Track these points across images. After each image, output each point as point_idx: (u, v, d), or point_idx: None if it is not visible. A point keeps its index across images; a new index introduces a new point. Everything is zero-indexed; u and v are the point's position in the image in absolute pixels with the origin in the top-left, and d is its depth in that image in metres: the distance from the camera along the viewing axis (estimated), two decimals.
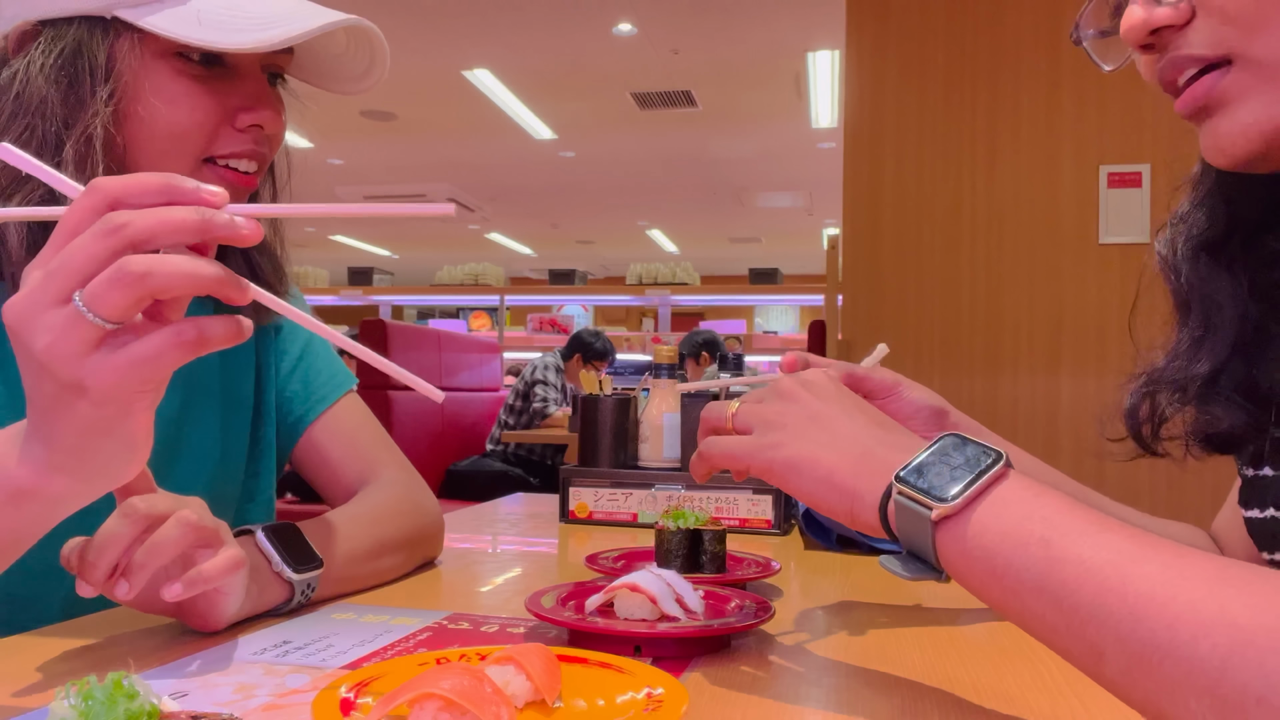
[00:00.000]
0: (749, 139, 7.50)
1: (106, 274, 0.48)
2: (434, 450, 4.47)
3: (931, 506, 0.53)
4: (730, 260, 13.15)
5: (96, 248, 0.48)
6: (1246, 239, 0.72)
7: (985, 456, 0.54)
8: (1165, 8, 0.60)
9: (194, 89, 0.81)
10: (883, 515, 0.56)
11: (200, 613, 0.70)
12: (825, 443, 0.60)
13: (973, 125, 3.13)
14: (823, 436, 0.61)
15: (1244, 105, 0.59)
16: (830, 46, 5.40)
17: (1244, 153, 0.61)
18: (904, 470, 0.55)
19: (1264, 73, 0.58)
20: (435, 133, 7.53)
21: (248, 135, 0.84)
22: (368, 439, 1.05)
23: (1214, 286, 0.72)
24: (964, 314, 3.10)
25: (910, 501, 0.54)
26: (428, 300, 8.29)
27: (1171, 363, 0.76)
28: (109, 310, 0.48)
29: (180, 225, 0.49)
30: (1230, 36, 0.58)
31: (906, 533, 0.55)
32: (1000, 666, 0.67)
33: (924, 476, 0.54)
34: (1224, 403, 0.71)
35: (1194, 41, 0.60)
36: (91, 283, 0.48)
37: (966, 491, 0.52)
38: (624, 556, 0.97)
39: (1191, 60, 0.60)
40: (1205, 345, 0.72)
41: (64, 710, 0.38)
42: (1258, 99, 0.59)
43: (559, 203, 10.12)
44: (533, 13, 5.14)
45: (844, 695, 0.61)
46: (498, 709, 0.45)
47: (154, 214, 0.49)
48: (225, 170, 0.84)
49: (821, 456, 0.60)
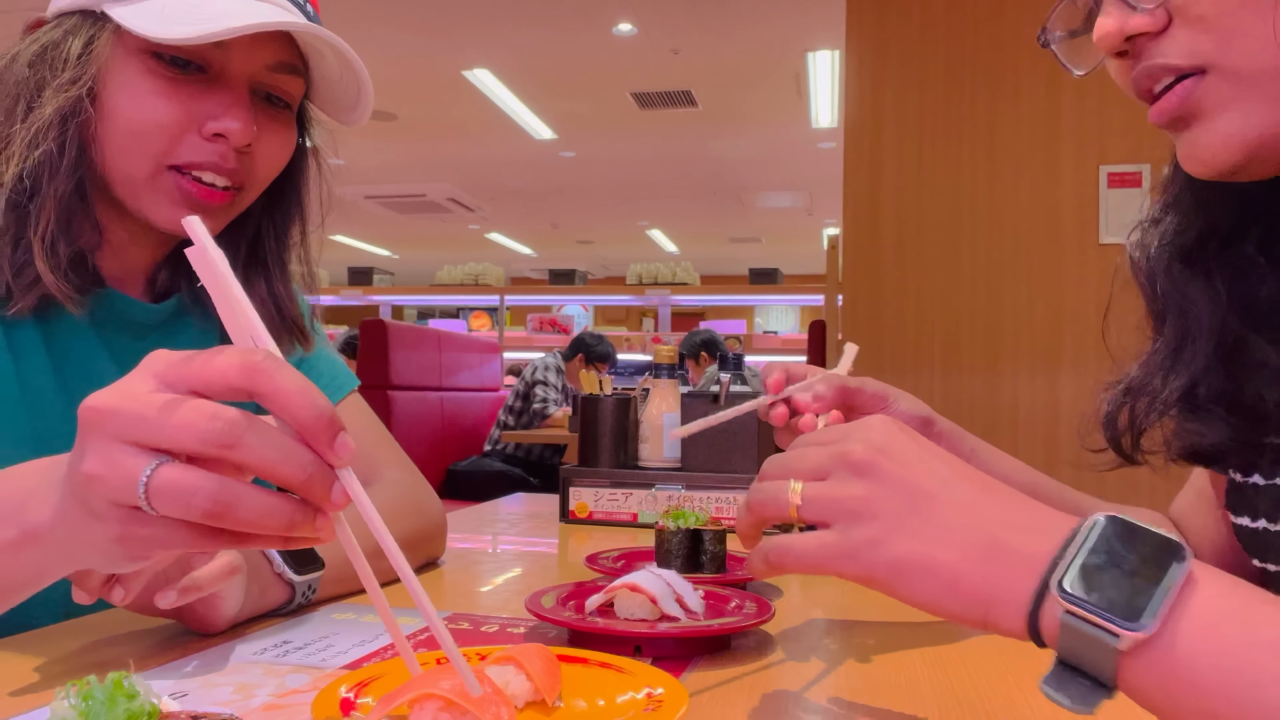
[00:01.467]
0: (749, 139, 7.50)
1: (188, 486, 0.44)
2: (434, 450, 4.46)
3: (1118, 634, 0.42)
4: (730, 260, 13.15)
5: (193, 439, 0.44)
6: (1222, 245, 0.69)
7: (1166, 552, 0.44)
8: (1140, 15, 0.58)
9: (161, 89, 0.80)
10: (1032, 624, 0.45)
11: (199, 616, 0.70)
12: (936, 535, 0.49)
13: (973, 125, 3.13)
14: (931, 526, 0.49)
15: (1221, 116, 0.58)
16: (830, 46, 5.39)
17: (1224, 164, 0.59)
18: (1064, 577, 0.44)
19: (1241, 82, 0.56)
20: (435, 133, 7.53)
21: (215, 145, 0.82)
22: (370, 440, 1.05)
23: (1190, 295, 0.69)
24: (964, 314, 3.10)
25: (1086, 625, 0.43)
26: (428, 300, 8.29)
27: (1148, 373, 0.73)
28: (165, 510, 0.45)
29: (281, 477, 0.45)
30: (1206, 45, 0.57)
31: (1076, 655, 0.44)
32: (1000, 666, 0.67)
33: (1094, 587, 0.43)
34: (1204, 415, 0.68)
35: (1169, 50, 0.58)
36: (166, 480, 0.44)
37: (1159, 610, 0.42)
38: (624, 556, 0.97)
39: (1167, 70, 0.58)
40: (1183, 356, 0.69)
41: (64, 710, 0.38)
42: (1236, 109, 0.57)
43: (559, 203, 10.12)
44: (533, 13, 5.13)
45: (844, 695, 0.61)
46: (498, 709, 0.45)
47: (266, 453, 0.44)
48: (188, 180, 0.82)
49: (937, 555, 0.48)
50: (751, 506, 0.57)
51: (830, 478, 0.53)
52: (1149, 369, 0.73)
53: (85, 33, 0.80)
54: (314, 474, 0.45)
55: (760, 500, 0.55)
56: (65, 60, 0.79)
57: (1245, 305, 0.67)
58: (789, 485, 0.54)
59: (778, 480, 0.55)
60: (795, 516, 0.53)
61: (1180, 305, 0.70)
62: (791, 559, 0.53)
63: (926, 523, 0.49)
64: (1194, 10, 0.56)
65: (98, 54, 0.79)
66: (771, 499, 0.54)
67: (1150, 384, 0.72)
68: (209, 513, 0.44)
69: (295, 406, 0.44)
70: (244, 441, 0.44)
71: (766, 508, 0.55)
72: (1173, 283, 0.71)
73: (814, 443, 0.56)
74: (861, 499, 0.50)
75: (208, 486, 0.44)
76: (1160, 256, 0.72)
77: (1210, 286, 0.68)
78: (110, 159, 0.81)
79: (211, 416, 0.44)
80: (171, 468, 0.44)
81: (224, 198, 0.84)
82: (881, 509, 0.50)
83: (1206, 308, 0.68)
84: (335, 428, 0.45)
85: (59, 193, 0.79)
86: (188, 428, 0.44)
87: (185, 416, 0.44)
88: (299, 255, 0.97)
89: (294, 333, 0.95)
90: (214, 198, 0.83)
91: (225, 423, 0.44)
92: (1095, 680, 0.44)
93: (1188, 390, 0.69)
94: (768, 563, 0.54)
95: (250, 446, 0.44)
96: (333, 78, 0.87)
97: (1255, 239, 0.68)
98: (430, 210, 10.18)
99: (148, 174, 0.81)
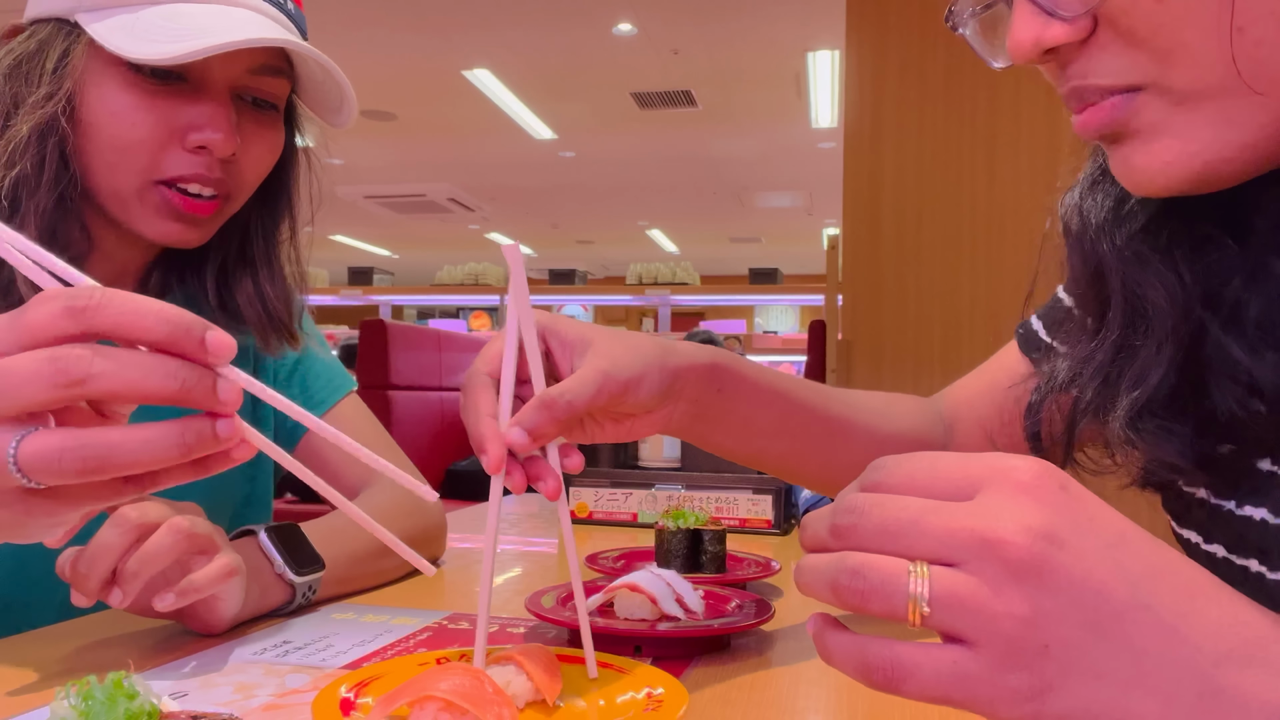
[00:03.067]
0: (749, 139, 7.50)
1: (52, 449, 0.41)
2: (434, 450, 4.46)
3: None
4: (730, 260, 13.15)
5: (39, 389, 0.40)
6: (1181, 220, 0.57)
7: None
8: (1059, 24, 0.49)
9: (141, 103, 0.79)
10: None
11: (199, 617, 0.70)
12: (1129, 675, 0.35)
13: (973, 125, 3.13)
14: (1121, 661, 0.36)
15: (1159, 139, 0.49)
16: (830, 46, 5.39)
17: (1162, 190, 0.51)
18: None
19: (1181, 103, 0.48)
20: (435, 133, 7.53)
21: (198, 157, 0.81)
22: (369, 441, 1.05)
23: (1146, 279, 0.56)
24: (964, 314, 3.10)
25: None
26: (428, 300, 8.29)
27: (1087, 376, 0.60)
28: (45, 480, 0.42)
29: (152, 394, 0.41)
30: (1141, 62, 0.48)
31: None
32: None
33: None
34: (1161, 431, 0.55)
35: (1098, 68, 0.50)
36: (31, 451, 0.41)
37: None
38: (624, 556, 0.97)
39: (1098, 91, 0.50)
40: (1139, 357, 0.57)
41: (64, 710, 0.38)
42: (1174, 134, 0.49)
43: (559, 203, 10.12)
44: (533, 13, 5.13)
45: (844, 695, 0.61)
46: (499, 709, 0.45)
47: (124, 374, 0.41)
48: (175, 194, 0.81)
49: (1132, 708, 0.35)
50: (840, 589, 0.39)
51: (965, 566, 0.37)
52: (1087, 368, 0.61)
53: (60, 45, 0.78)
54: (186, 378, 0.41)
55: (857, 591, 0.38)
56: (40, 74, 0.78)
57: (1211, 295, 0.55)
58: (911, 572, 0.37)
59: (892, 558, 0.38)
60: (918, 623, 0.37)
61: (1132, 293, 0.57)
62: (913, 686, 0.38)
63: (1116, 657, 0.36)
64: (1124, 22, 0.48)
65: (73, 67, 0.78)
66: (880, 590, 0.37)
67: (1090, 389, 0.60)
68: (85, 469, 0.41)
69: (145, 326, 0.41)
70: (94, 371, 0.40)
71: (868, 601, 0.38)
72: (1123, 263, 0.58)
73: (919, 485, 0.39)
74: (1026, 621, 0.36)
75: (69, 443, 0.41)
76: (1106, 228, 0.60)
77: (1171, 272, 0.56)
78: (95, 174, 0.80)
79: (49, 359, 0.40)
80: (34, 436, 0.41)
81: (211, 208, 0.83)
82: (1053, 636, 0.35)
83: (1166, 298, 0.55)
84: (198, 327, 0.42)
85: (40, 208, 0.78)
86: (31, 380, 0.40)
87: (23, 371, 0.41)
88: (289, 254, 0.95)
89: (281, 332, 0.93)
90: (201, 209, 0.82)
91: (67, 359, 0.40)
92: None
93: (1145, 403, 0.56)
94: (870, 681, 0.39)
95: (104, 374, 0.41)
96: (317, 80, 0.86)
97: (1215, 215, 0.56)
98: (430, 210, 10.18)
99: (134, 190, 0.80)
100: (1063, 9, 0.49)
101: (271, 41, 0.77)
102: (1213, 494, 0.57)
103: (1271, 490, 0.54)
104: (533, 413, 0.57)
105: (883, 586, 0.37)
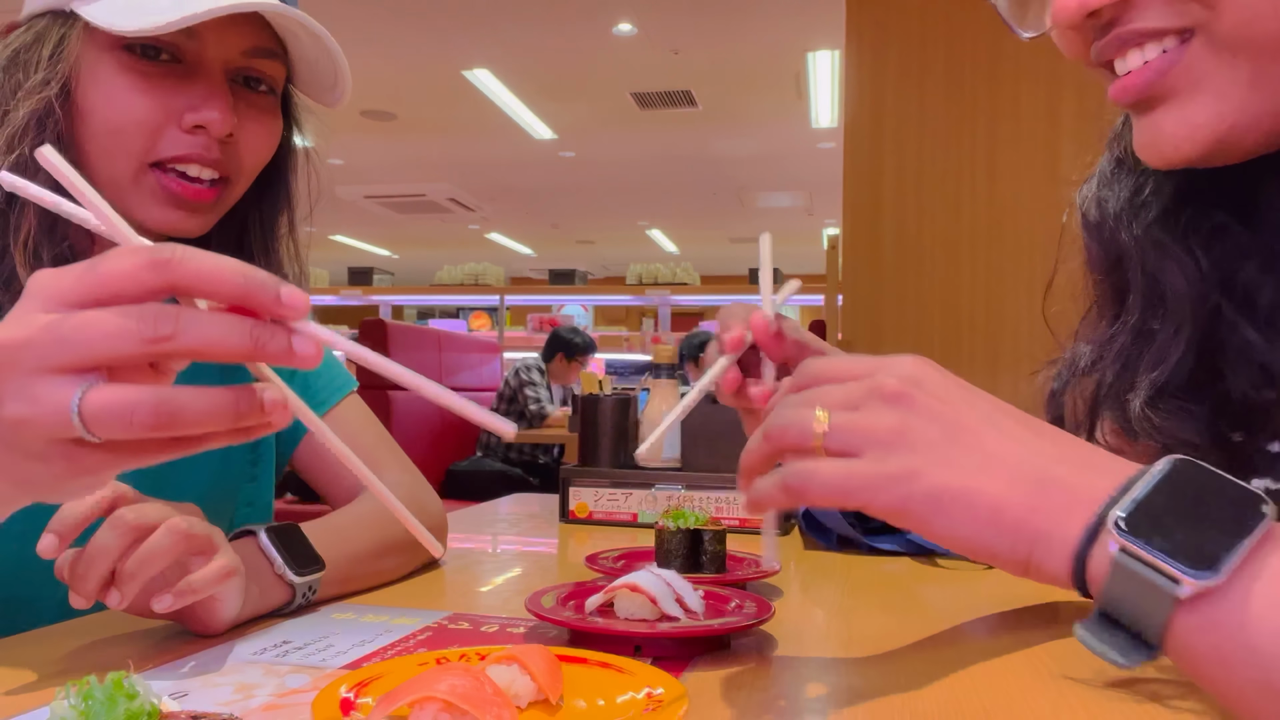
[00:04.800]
0: (749, 139, 7.50)
1: (127, 402, 0.40)
2: (434, 450, 4.46)
3: (1180, 580, 0.37)
4: (730, 260, 13.14)
5: (127, 344, 0.40)
6: (1195, 208, 0.59)
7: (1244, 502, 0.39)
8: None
9: (136, 84, 0.79)
10: (1079, 569, 0.41)
11: (198, 618, 0.70)
12: (979, 465, 0.44)
13: (973, 125, 3.13)
14: (973, 457, 0.45)
15: (1195, 99, 0.50)
16: (830, 46, 5.39)
17: (1186, 157, 0.52)
18: (1123, 514, 0.39)
19: (1228, 52, 0.49)
20: (435, 133, 7.53)
21: (195, 138, 0.80)
22: (369, 441, 1.05)
23: (1165, 267, 0.58)
24: (964, 314, 3.10)
25: (1143, 568, 0.38)
26: (428, 300, 8.29)
27: (1109, 360, 0.63)
28: (108, 434, 0.41)
29: (231, 351, 0.41)
30: (1191, 8, 0.49)
31: (1123, 602, 0.39)
32: (1001, 667, 0.67)
33: (1158, 528, 0.38)
34: (1179, 413, 0.58)
35: (1147, 12, 0.50)
36: (101, 403, 0.40)
37: (1232, 561, 0.37)
38: (624, 556, 0.97)
39: (1148, 35, 0.50)
40: (1158, 341, 0.59)
41: (64, 710, 0.38)
42: (1211, 90, 0.50)
43: (559, 203, 10.12)
44: (533, 13, 5.13)
45: (844, 695, 0.61)
46: (499, 710, 0.45)
47: (205, 332, 0.41)
48: (172, 177, 0.81)
49: (981, 485, 0.44)
50: (769, 434, 0.50)
51: (860, 409, 0.47)
52: (1108, 354, 0.63)
53: (56, 33, 0.79)
54: (261, 334, 0.42)
55: (780, 426, 0.49)
56: (37, 63, 0.78)
57: (1225, 280, 0.57)
58: (814, 413, 0.48)
59: (801, 408, 0.49)
60: (819, 447, 0.47)
61: (1151, 278, 0.60)
62: (816, 485, 0.47)
63: (969, 453, 0.44)
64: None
65: (68, 53, 0.78)
66: (794, 424, 0.48)
67: (1114, 375, 0.62)
68: (155, 425, 0.41)
69: (223, 280, 0.41)
70: (181, 328, 0.40)
71: (787, 434, 0.49)
72: (1142, 250, 0.60)
73: (833, 378, 0.50)
74: (896, 430, 0.46)
75: (146, 399, 0.41)
76: (1124, 217, 0.62)
77: (1188, 257, 0.58)
78: (92, 161, 0.80)
79: (139, 316, 0.40)
80: (102, 389, 0.41)
81: (211, 194, 0.83)
82: (919, 439, 0.45)
83: (1183, 283, 0.58)
84: (273, 284, 0.42)
85: None
86: (118, 334, 0.40)
87: (109, 325, 0.40)
88: (288, 249, 0.95)
89: None
90: (201, 195, 0.82)
91: (155, 316, 0.40)
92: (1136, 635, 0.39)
93: (1164, 385, 0.59)
94: (786, 489, 0.48)
95: (189, 330, 0.41)
96: (310, 58, 0.86)
97: (1228, 203, 0.58)
98: (430, 210, 10.18)
99: (131, 174, 0.80)
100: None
101: (261, 6, 0.77)
102: None
103: (1276, 464, 0.56)
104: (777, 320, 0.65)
105: (795, 423, 0.49)
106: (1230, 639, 0.37)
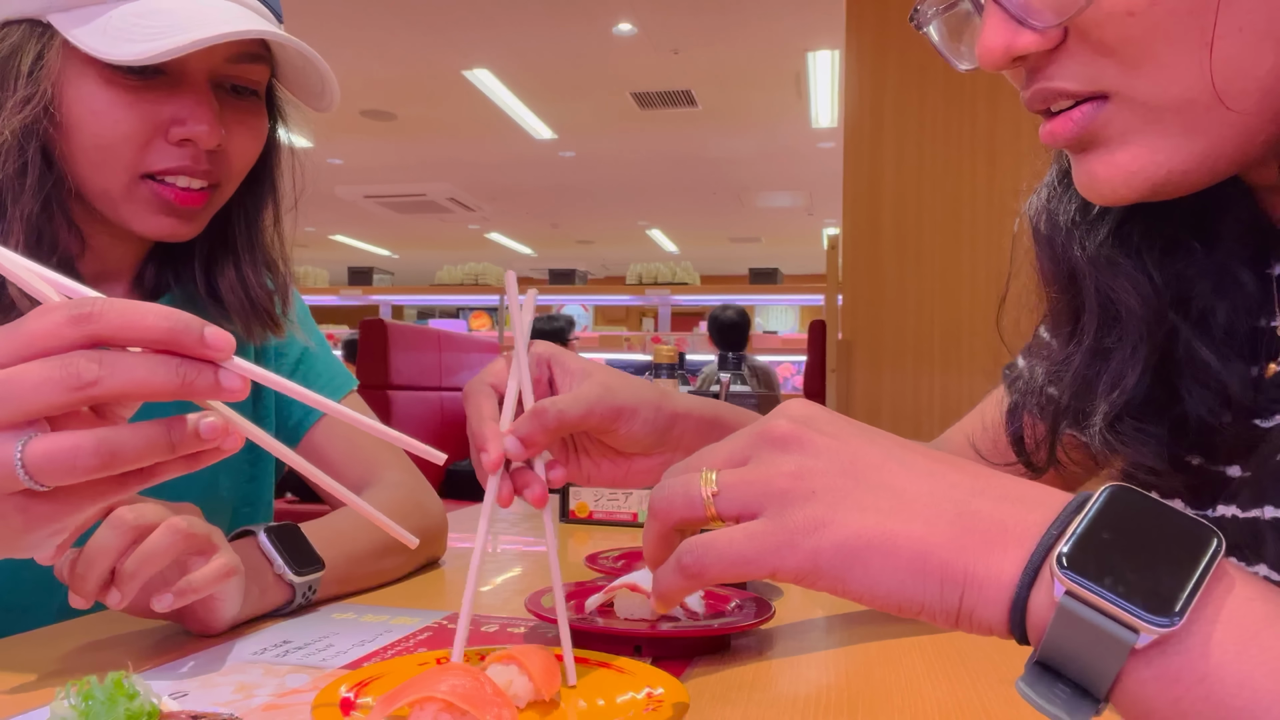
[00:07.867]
0: (749, 139, 7.50)
1: (66, 449, 0.42)
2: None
3: (1135, 627, 0.33)
4: (730, 260, 13.14)
5: (54, 393, 0.42)
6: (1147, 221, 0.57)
7: (1195, 535, 0.35)
8: (1029, 33, 0.49)
9: (121, 99, 0.78)
10: (1018, 614, 0.36)
11: (198, 618, 0.70)
12: (891, 506, 0.40)
13: (973, 125, 3.13)
14: (882, 497, 0.40)
15: (1125, 148, 0.49)
16: (830, 46, 5.39)
17: (1124, 199, 0.50)
18: (1065, 551, 0.35)
19: (1147, 114, 0.48)
20: (435, 133, 7.53)
21: (184, 150, 0.80)
22: (369, 441, 1.05)
23: (1118, 284, 0.56)
24: (964, 314, 3.10)
25: (1092, 613, 0.34)
26: (428, 300, 8.29)
27: (1066, 382, 0.61)
28: (54, 481, 0.43)
29: (158, 390, 0.43)
30: (1108, 71, 0.48)
31: (1069, 651, 0.35)
32: (1001, 667, 0.67)
33: (1107, 565, 0.34)
34: (1137, 435, 0.56)
35: (1065, 73, 0.49)
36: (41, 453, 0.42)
37: (1190, 601, 0.33)
38: (624, 556, 0.97)
39: (1063, 94, 0.50)
40: (1111, 363, 0.57)
41: (64, 710, 0.38)
42: (1140, 143, 0.49)
43: (559, 203, 10.12)
44: (533, 13, 5.13)
45: (843, 695, 0.61)
46: (499, 710, 0.45)
47: (132, 374, 0.42)
48: (164, 187, 0.81)
49: (898, 528, 0.39)
50: (655, 510, 0.45)
51: (750, 460, 0.43)
52: (1064, 374, 0.61)
53: (34, 47, 0.77)
54: (187, 371, 0.43)
55: (665, 499, 0.45)
56: (16, 77, 0.77)
57: (1180, 299, 0.56)
58: (700, 475, 0.44)
59: (684, 473, 0.45)
60: (712, 513, 0.43)
61: (1105, 295, 0.58)
62: (714, 558, 0.42)
63: (877, 494, 0.40)
64: (1095, 34, 0.47)
65: (49, 69, 0.77)
66: (679, 493, 0.44)
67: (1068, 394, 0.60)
68: (99, 465, 0.42)
69: (146, 327, 0.43)
70: (103, 373, 0.42)
71: (674, 506, 0.44)
72: (1095, 268, 0.58)
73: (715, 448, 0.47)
74: (793, 474, 0.41)
75: (85, 441, 0.42)
76: (1076, 234, 0.59)
77: (1142, 275, 0.56)
78: (82, 174, 0.80)
79: (60, 365, 0.42)
80: (42, 439, 0.42)
81: (201, 199, 0.83)
82: (819, 483, 0.41)
83: (1138, 302, 0.56)
84: (196, 325, 0.43)
85: (25, 214, 0.77)
86: (43, 384, 0.42)
87: (34, 376, 0.42)
88: (274, 241, 0.94)
89: (264, 319, 0.93)
90: (192, 201, 0.82)
91: (76, 364, 0.42)
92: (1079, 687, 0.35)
93: (1123, 407, 0.57)
94: (684, 571, 0.43)
95: (112, 375, 0.42)
96: (297, 65, 0.86)
97: (1184, 215, 0.56)
98: (430, 210, 10.18)
99: (122, 186, 0.80)
100: (1034, 18, 0.48)
101: (249, 33, 0.77)
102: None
103: (1240, 491, 0.55)
104: (526, 422, 0.59)
105: (681, 493, 0.44)
106: (1191, 691, 0.33)
